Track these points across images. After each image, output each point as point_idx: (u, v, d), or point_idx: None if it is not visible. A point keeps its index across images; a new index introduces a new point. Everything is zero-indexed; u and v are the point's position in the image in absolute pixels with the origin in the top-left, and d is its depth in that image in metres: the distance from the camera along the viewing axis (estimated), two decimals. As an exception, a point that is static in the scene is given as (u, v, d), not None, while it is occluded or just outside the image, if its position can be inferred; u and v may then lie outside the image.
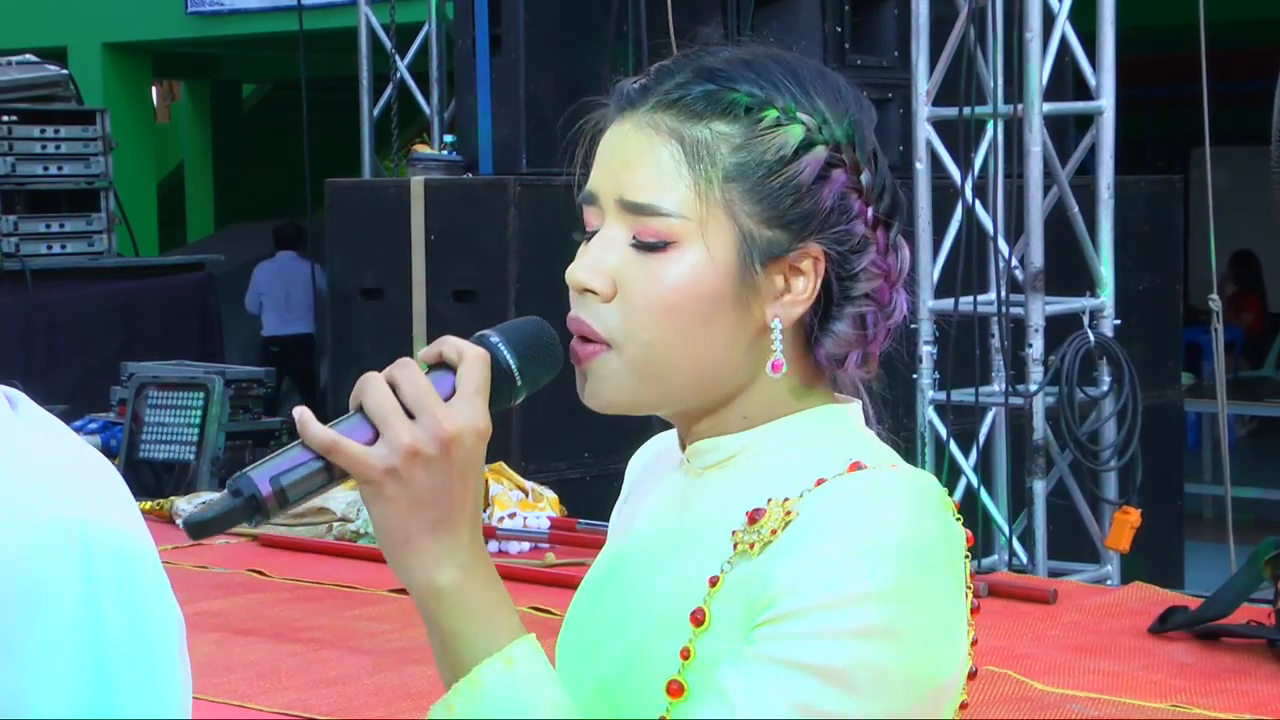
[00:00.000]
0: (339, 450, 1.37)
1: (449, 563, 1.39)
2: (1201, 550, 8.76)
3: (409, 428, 1.37)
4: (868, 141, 1.47)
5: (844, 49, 7.43)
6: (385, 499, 1.38)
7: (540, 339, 1.46)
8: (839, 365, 1.47)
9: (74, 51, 14.18)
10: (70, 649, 1.30)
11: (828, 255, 1.44)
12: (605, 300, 1.45)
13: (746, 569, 1.40)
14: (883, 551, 1.35)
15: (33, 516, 1.31)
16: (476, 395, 1.39)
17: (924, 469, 1.55)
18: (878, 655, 1.33)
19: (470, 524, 1.40)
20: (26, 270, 8.69)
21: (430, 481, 1.37)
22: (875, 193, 1.47)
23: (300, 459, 1.39)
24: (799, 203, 1.44)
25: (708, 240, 1.43)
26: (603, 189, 1.47)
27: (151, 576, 1.37)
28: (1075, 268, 6.51)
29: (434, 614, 1.40)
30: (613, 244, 1.46)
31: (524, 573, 5.10)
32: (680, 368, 1.45)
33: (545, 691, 1.38)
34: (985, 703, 3.87)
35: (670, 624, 1.43)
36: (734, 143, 1.44)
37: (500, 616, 1.40)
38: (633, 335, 1.45)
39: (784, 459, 1.46)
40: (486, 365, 1.41)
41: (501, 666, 1.38)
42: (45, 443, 1.40)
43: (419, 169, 7.25)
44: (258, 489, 1.37)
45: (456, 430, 1.38)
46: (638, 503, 1.61)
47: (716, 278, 1.44)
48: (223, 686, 4.08)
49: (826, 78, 1.49)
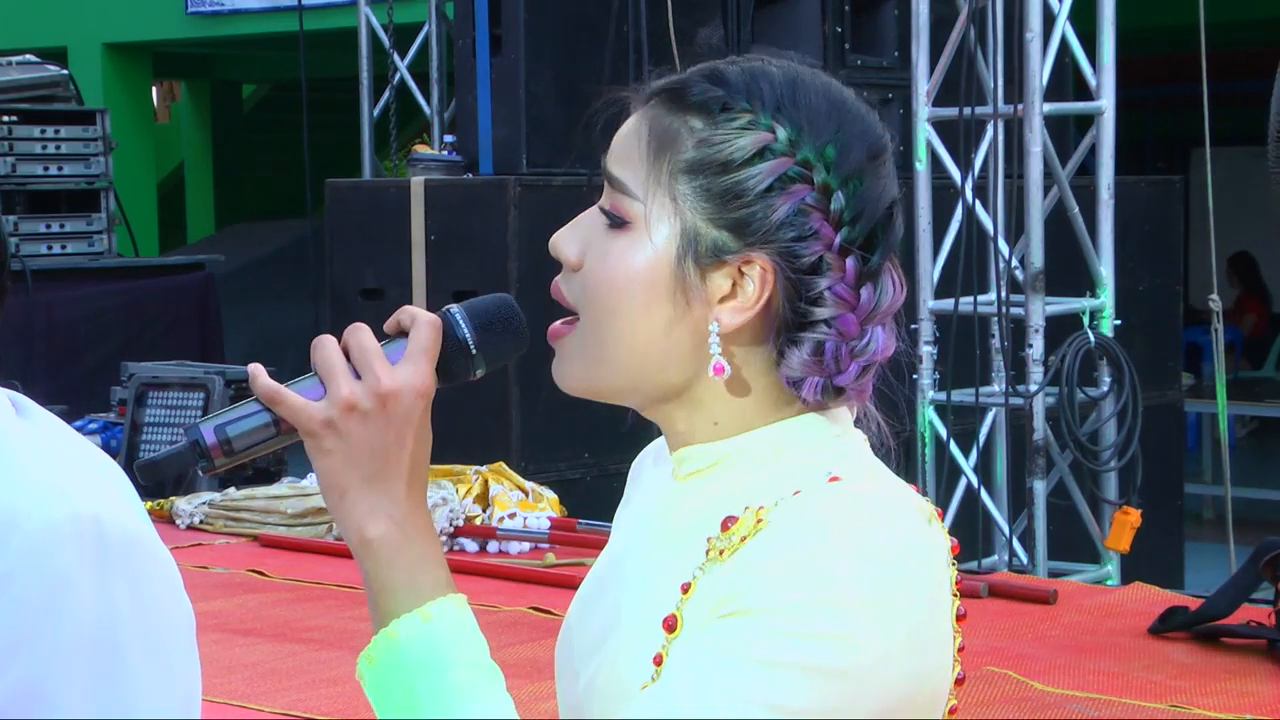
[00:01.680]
0: (281, 400, 1.43)
1: (381, 516, 1.43)
2: (1201, 550, 8.76)
3: (350, 383, 1.42)
4: (851, 165, 1.44)
5: (844, 49, 7.43)
6: (324, 451, 1.43)
7: (501, 313, 1.49)
8: (797, 390, 1.45)
9: (74, 52, 14.18)
10: (87, 643, 1.31)
11: (777, 269, 1.43)
12: (574, 269, 1.49)
13: (715, 574, 1.41)
14: (847, 560, 1.35)
15: (49, 514, 1.32)
16: (421, 356, 1.44)
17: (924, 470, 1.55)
18: (831, 659, 1.33)
19: (408, 481, 1.44)
20: (26, 270, 8.69)
21: (366, 436, 1.42)
22: (845, 217, 1.43)
23: (249, 410, 1.45)
24: (745, 207, 1.43)
25: (651, 226, 1.45)
26: (605, 163, 1.50)
27: (164, 572, 1.39)
28: (1075, 268, 6.51)
29: (365, 566, 1.44)
30: (594, 214, 1.49)
31: (524, 573, 5.10)
32: (618, 350, 1.46)
33: (460, 648, 1.41)
34: (985, 703, 3.87)
35: (648, 630, 1.44)
36: (698, 137, 1.45)
37: (427, 572, 1.43)
38: (586, 309, 1.47)
39: (764, 469, 1.46)
40: (436, 330, 1.45)
41: (419, 621, 1.41)
42: (54, 442, 1.42)
43: (419, 169, 7.25)
44: (202, 436, 1.43)
45: (394, 387, 1.42)
46: (634, 507, 1.62)
47: (655, 265, 1.45)
48: (223, 687, 4.08)
49: (831, 96, 1.47)
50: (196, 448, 1.43)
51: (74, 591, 1.31)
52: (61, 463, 1.39)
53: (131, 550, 1.36)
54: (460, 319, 1.47)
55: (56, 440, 1.42)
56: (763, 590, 1.35)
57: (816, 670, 1.33)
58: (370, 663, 1.43)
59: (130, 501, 1.42)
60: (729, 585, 1.38)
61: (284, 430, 1.44)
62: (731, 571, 1.39)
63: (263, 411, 1.44)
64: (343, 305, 7.37)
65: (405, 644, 1.41)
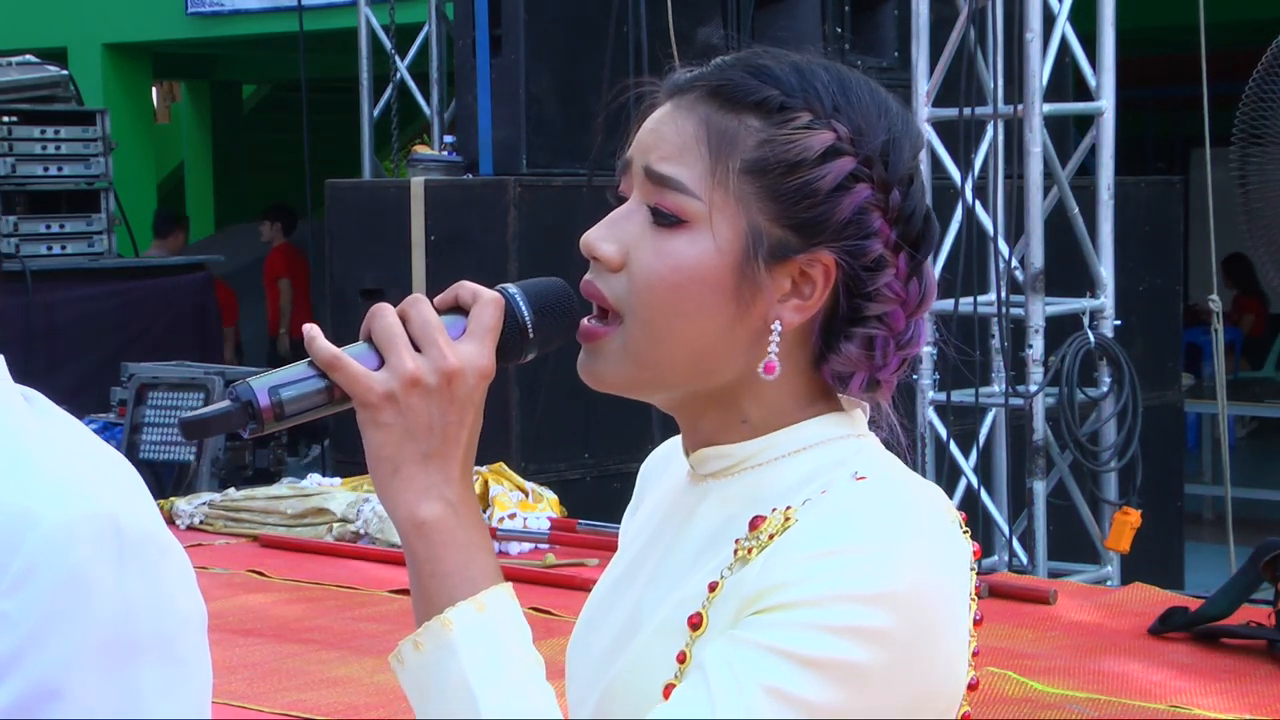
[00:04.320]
0: (340, 367, 1.38)
1: (436, 497, 1.39)
2: (1201, 550, 8.76)
3: (414, 356, 1.38)
4: (904, 164, 1.46)
5: (844, 49, 7.43)
6: (380, 424, 1.38)
7: (559, 298, 1.46)
8: (843, 386, 1.47)
9: (74, 52, 14.18)
10: (104, 641, 1.32)
11: (840, 267, 1.44)
12: (613, 270, 1.46)
13: (742, 573, 1.40)
14: (880, 559, 1.35)
15: (66, 512, 1.32)
16: (486, 336, 1.41)
17: (924, 470, 1.55)
18: (859, 655, 1.33)
19: (462, 463, 1.40)
20: (26, 270, 8.69)
21: (427, 412, 1.38)
22: (902, 215, 1.45)
23: (303, 374, 1.38)
24: (814, 207, 1.43)
25: (715, 226, 1.43)
26: (635, 157, 1.48)
27: (179, 569, 1.39)
28: (1075, 268, 6.52)
29: (414, 547, 1.39)
30: (634, 214, 1.47)
31: (524, 573, 5.10)
32: (674, 351, 1.45)
33: (514, 642, 1.37)
34: (985, 703, 3.87)
35: (671, 630, 1.44)
36: (759, 137, 1.44)
37: (480, 559, 1.39)
38: (635, 310, 1.45)
39: (788, 468, 1.46)
40: (500, 309, 1.42)
41: (474, 610, 1.37)
42: (69, 439, 1.42)
43: (419, 169, 7.25)
44: (255, 397, 1.37)
45: (460, 365, 1.39)
46: (646, 510, 1.62)
47: (719, 265, 1.43)
48: (223, 687, 4.08)
49: (876, 95, 1.48)
50: (249, 409, 1.36)
51: (91, 589, 1.32)
52: (77, 460, 1.39)
53: (148, 548, 1.36)
54: (521, 300, 1.44)
55: (71, 437, 1.42)
56: (794, 585, 1.35)
57: (846, 666, 1.33)
58: (418, 648, 1.37)
59: (144, 499, 1.42)
60: (758, 581, 1.37)
61: (337, 397, 1.38)
62: (760, 568, 1.38)
63: (316, 376, 1.38)
64: (343, 305, 7.37)
65: (459, 634, 1.36)
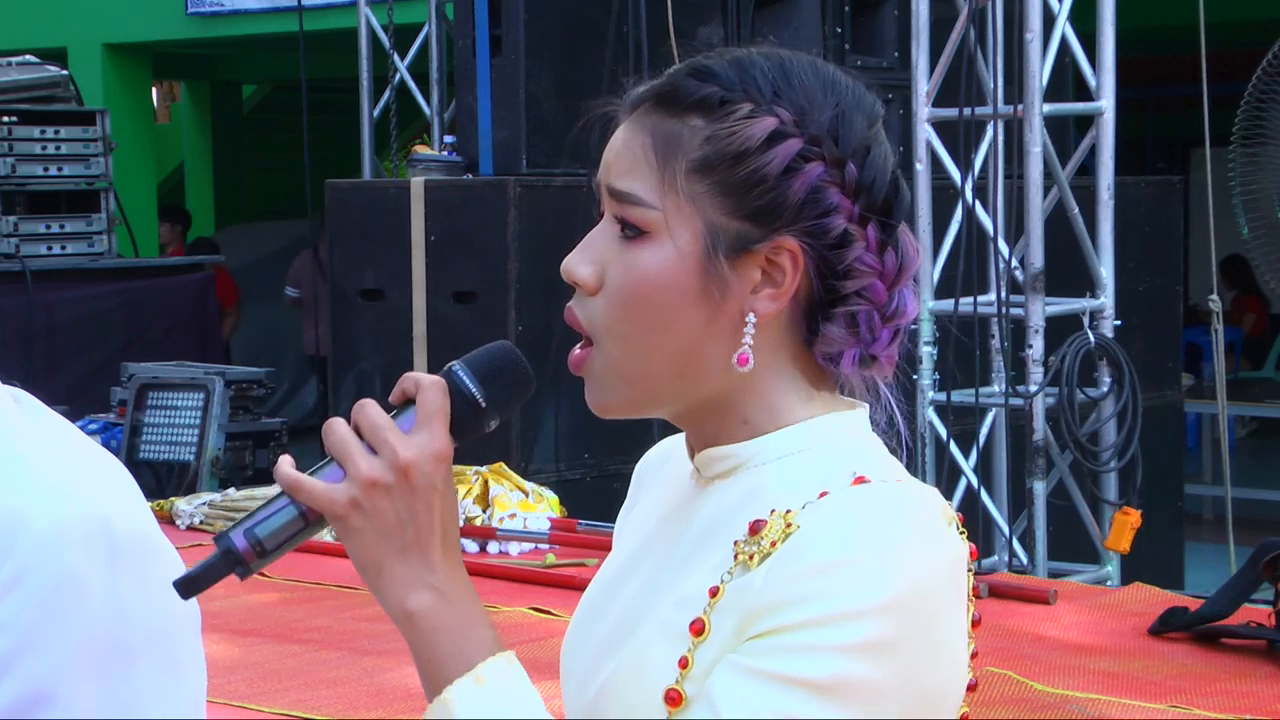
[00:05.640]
0: (301, 487, 1.40)
1: (421, 586, 1.41)
2: (1201, 550, 8.75)
3: (367, 460, 1.40)
4: (856, 136, 1.46)
5: (844, 50, 7.43)
6: (353, 531, 1.41)
7: (504, 362, 1.48)
8: (834, 365, 1.47)
9: (74, 52, 14.17)
10: (97, 643, 1.32)
11: (805, 249, 1.44)
12: (591, 293, 1.47)
13: (744, 580, 1.40)
14: (880, 568, 1.35)
15: (58, 514, 1.32)
16: (433, 421, 1.43)
17: (924, 470, 1.55)
18: (868, 671, 1.34)
19: (442, 546, 1.42)
20: (26, 270, 8.69)
21: (393, 509, 1.40)
22: (861, 186, 1.45)
23: (278, 506, 1.42)
24: (766, 193, 1.44)
25: (673, 231, 1.44)
26: (601, 177, 1.49)
27: (172, 571, 1.39)
28: (1075, 268, 6.51)
29: (409, 638, 1.42)
30: (604, 233, 1.48)
31: (524, 573, 5.10)
32: (656, 362, 1.46)
33: (517, 708, 1.40)
34: (985, 703, 3.87)
35: (671, 633, 1.44)
36: (703, 135, 1.45)
37: (474, 636, 1.41)
38: (610, 329, 1.46)
39: (788, 469, 1.46)
40: (443, 391, 1.43)
41: (472, 684, 1.39)
42: (61, 441, 1.42)
43: (419, 169, 7.25)
44: (233, 544, 1.40)
45: (413, 456, 1.41)
46: (644, 509, 1.62)
47: (681, 269, 1.44)
48: (223, 687, 4.08)
49: (821, 73, 1.49)
50: (230, 556, 1.40)
51: (84, 591, 1.32)
52: (69, 462, 1.39)
53: (140, 550, 1.36)
54: (464, 376, 1.46)
55: (62, 439, 1.42)
56: (798, 604, 1.36)
57: (860, 685, 1.34)
58: None
59: (137, 501, 1.42)
60: (761, 595, 1.38)
61: (313, 520, 1.42)
62: (763, 579, 1.39)
63: (289, 505, 1.42)
64: (343, 305, 7.37)
65: (460, 709, 1.39)
